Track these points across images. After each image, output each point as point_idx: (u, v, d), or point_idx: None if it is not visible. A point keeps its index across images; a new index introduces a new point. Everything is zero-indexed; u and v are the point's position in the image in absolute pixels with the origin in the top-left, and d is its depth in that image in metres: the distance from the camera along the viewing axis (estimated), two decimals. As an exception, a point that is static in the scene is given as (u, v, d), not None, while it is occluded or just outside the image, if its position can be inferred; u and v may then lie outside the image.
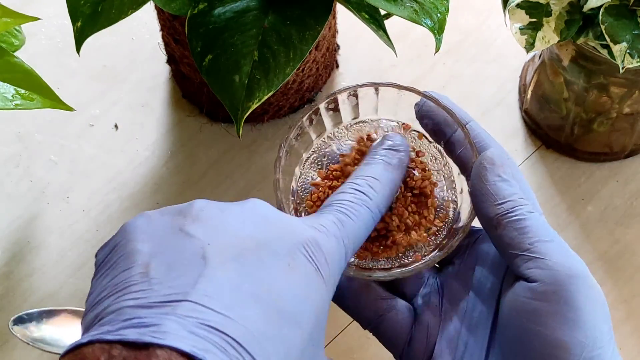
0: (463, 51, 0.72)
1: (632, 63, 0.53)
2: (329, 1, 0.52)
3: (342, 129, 0.53)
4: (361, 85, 0.51)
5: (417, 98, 0.51)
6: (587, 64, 0.59)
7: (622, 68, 0.53)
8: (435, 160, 0.52)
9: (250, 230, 0.37)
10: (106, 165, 0.68)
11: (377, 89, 0.51)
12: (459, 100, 0.70)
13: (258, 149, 0.68)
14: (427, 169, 0.51)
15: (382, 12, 0.53)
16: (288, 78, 0.51)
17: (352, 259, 0.49)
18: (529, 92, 0.67)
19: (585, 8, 0.54)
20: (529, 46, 0.55)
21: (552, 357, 0.42)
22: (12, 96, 0.53)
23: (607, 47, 0.54)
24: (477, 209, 0.46)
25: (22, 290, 0.64)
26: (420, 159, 0.51)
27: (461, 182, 0.51)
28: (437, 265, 0.51)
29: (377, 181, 0.45)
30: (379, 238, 0.50)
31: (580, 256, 0.65)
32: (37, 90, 0.54)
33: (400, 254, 0.50)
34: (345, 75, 0.71)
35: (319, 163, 0.52)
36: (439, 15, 0.53)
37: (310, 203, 0.50)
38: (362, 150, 0.51)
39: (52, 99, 0.55)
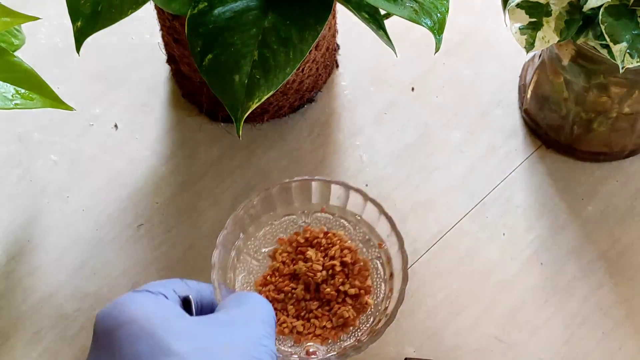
0: (463, 51, 0.72)
1: (632, 63, 0.53)
2: (329, 1, 0.52)
3: (253, 241, 0.57)
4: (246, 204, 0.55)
5: (303, 184, 0.55)
6: (587, 64, 0.59)
7: (622, 68, 0.53)
8: (344, 228, 0.56)
9: None
10: (106, 164, 0.68)
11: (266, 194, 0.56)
12: (459, 100, 0.71)
13: (258, 148, 0.68)
14: (341, 239, 0.55)
15: (382, 12, 0.53)
16: (288, 78, 0.51)
17: (321, 350, 0.53)
18: (529, 92, 0.67)
19: (585, 8, 0.54)
20: (529, 46, 0.55)
21: None
22: (12, 96, 0.53)
23: (607, 47, 0.54)
24: None
25: (22, 289, 0.64)
26: (331, 233, 0.55)
27: (377, 236, 0.56)
28: None
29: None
30: (333, 324, 0.53)
31: (580, 256, 0.66)
32: (37, 89, 0.54)
33: (356, 327, 0.54)
34: (345, 75, 0.71)
35: (249, 282, 0.56)
36: (439, 15, 0.53)
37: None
38: (288, 250, 0.55)
39: (52, 99, 0.55)
